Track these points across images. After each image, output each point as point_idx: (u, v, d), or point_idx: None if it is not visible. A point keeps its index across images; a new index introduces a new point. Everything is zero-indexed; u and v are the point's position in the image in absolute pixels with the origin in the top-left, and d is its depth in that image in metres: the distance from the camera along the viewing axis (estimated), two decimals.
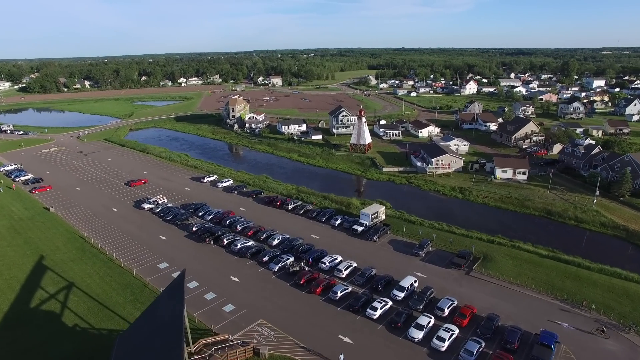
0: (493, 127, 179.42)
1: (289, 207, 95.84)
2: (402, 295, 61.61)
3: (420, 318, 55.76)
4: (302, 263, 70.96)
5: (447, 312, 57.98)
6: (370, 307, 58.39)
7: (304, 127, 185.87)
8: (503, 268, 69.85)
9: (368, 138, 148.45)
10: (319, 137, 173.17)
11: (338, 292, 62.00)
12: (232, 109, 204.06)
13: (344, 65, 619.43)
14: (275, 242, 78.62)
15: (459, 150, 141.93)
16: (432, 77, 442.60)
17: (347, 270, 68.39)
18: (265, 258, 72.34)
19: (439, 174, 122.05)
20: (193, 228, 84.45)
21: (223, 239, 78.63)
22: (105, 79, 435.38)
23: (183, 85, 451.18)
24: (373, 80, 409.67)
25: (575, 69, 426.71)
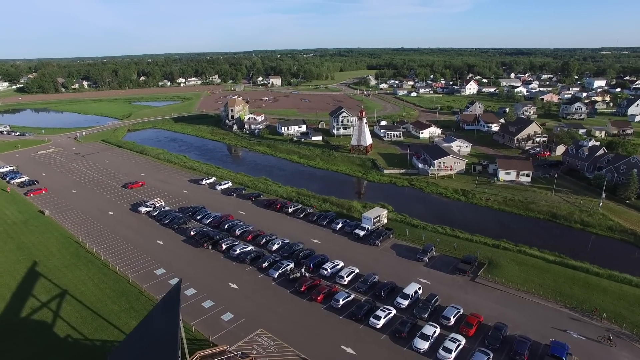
0: (495, 127, 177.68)
1: (289, 210, 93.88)
2: (406, 303, 59.74)
3: (426, 327, 53.85)
4: (302, 269, 69.01)
5: (453, 321, 56.05)
6: (374, 315, 56.52)
7: (304, 128, 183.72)
8: (509, 274, 67.97)
9: (369, 139, 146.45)
10: (319, 138, 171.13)
11: (340, 300, 60.07)
12: (231, 110, 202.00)
13: (344, 66, 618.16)
14: (275, 247, 76.72)
15: (461, 152, 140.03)
16: (432, 77, 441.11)
17: (349, 277, 66.44)
18: (265, 264, 70.36)
19: (441, 176, 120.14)
20: (191, 232, 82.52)
21: (221, 244, 76.60)
22: (104, 79, 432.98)
23: (182, 86, 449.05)
24: (373, 81, 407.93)
25: (576, 69, 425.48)
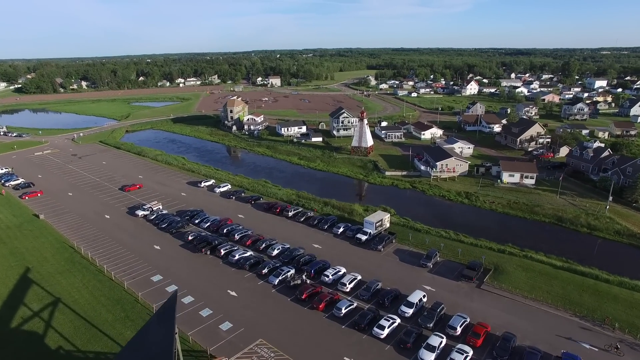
0: (497, 128, 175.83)
1: (289, 214, 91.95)
2: (410, 312, 57.79)
3: (431, 338, 51.93)
4: (303, 276, 67.08)
5: (459, 330, 54.14)
6: (377, 325, 54.58)
7: (304, 128, 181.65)
8: (516, 281, 66.08)
9: (370, 140, 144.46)
10: (319, 139, 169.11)
11: (342, 308, 58.11)
12: (230, 110, 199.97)
13: (343, 66, 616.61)
14: (275, 252, 74.79)
15: (463, 153, 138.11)
16: (432, 77, 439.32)
17: (351, 284, 64.52)
18: (265, 270, 68.37)
19: (444, 178, 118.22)
20: (189, 237, 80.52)
21: (220, 249, 74.62)
22: (103, 80, 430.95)
23: (181, 86, 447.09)
24: (373, 81, 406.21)
25: (576, 69, 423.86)
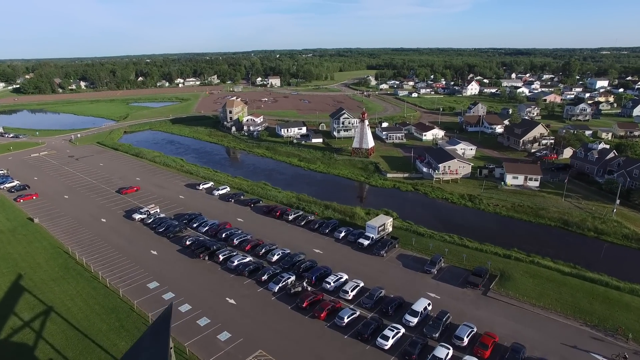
0: (499, 129, 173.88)
1: (290, 217, 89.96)
2: (415, 321, 55.88)
3: (438, 349, 50.00)
4: (304, 282, 65.10)
5: (466, 341, 52.19)
6: (381, 335, 52.66)
7: (304, 129, 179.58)
8: (523, 287, 64.15)
9: (371, 142, 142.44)
10: (320, 140, 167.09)
11: (345, 317, 56.15)
12: (229, 111, 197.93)
13: (343, 66, 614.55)
14: (275, 257, 72.85)
15: (466, 155, 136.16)
16: (432, 77, 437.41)
17: (353, 291, 62.57)
18: (265, 277, 66.45)
19: (447, 180, 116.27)
20: (186, 242, 78.50)
21: (219, 255, 72.63)
22: (101, 80, 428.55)
23: (180, 86, 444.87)
24: (373, 81, 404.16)
25: (577, 69, 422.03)
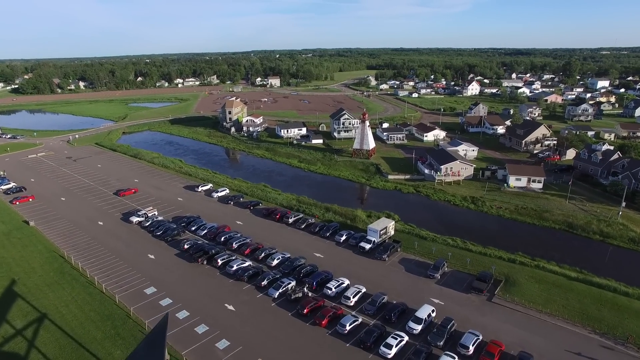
0: (500, 130, 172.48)
1: (290, 220, 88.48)
2: (419, 328, 54.39)
3: (443, 358, 48.56)
4: (305, 288, 63.62)
5: (472, 349, 50.69)
6: (384, 343, 51.17)
7: (304, 130, 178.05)
8: (529, 293, 62.71)
9: (372, 143, 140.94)
10: (320, 141, 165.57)
11: (347, 324, 54.68)
12: (228, 112, 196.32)
13: (343, 66, 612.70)
14: (275, 262, 71.36)
15: (468, 156, 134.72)
16: (432, 77, 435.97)
17: (355, 297, 61.09)
18: (264, 282, 64.97)
19: (448, 182, 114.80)
20: (185, 246, 76.99)
21: (217, 259, 71.10)
22: (100, 80, 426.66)
23: (180, 86, 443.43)
24: (373, 81, 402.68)
25: (578, 70, 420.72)
